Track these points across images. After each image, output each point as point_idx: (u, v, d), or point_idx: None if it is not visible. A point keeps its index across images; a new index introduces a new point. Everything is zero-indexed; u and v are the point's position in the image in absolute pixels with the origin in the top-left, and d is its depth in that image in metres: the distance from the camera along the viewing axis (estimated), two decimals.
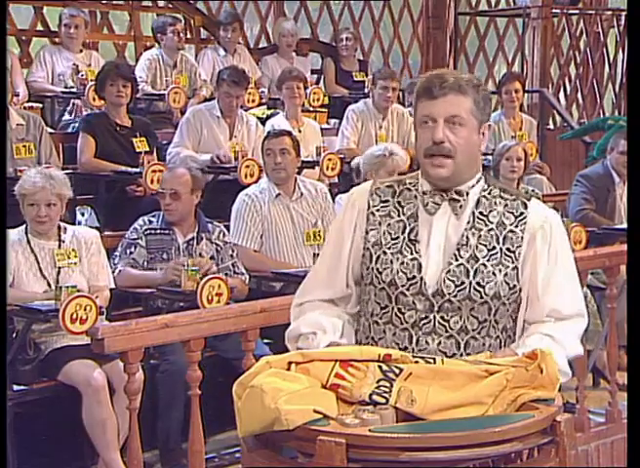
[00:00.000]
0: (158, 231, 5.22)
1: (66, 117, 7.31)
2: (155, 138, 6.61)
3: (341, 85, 9.14)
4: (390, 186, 2.73)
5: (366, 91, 8.48)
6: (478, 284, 2.59)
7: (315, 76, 9.41)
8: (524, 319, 2.67)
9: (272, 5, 9.82)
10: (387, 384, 2.39)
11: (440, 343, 2.60)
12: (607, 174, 6.61)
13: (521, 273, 2.63)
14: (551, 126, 10.51)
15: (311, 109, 7.97)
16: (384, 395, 2.37)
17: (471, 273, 2.59)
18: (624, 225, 6.00)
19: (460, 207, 2.63)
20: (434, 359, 2.48)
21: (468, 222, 2.64)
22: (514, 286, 2.63)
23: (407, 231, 2.65)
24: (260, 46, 9.68)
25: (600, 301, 5.90)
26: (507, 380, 2.42)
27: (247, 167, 6.25)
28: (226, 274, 5.08)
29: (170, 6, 9.03)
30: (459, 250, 2.61)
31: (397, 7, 10.70)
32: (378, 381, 2.39)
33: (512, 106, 8.12)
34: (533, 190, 6.60)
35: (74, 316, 4.26)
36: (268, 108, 7.93)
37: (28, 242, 4.75)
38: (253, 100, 7.62)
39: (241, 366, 3.80)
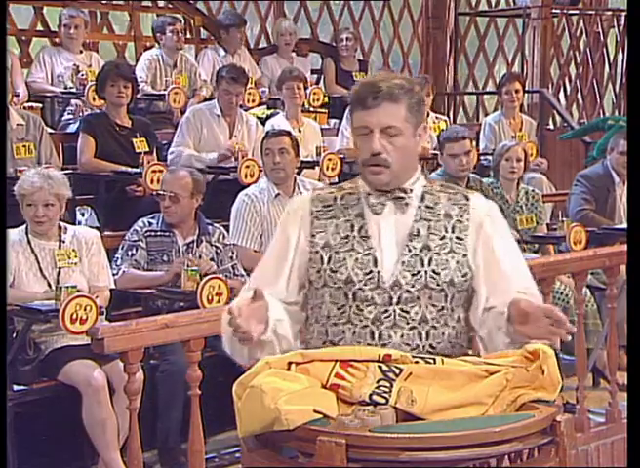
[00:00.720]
0: (158, 233, 5.22)
1: (66, 117, 7.31)
2: (155, 139, 6.61)
3: (341, 85, 9.12)
4: (331, 192, 2.76)
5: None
6: (433, 271, 2.63)
7: (315, 76, 9.41)
8: (488, 307, 2.66)
9: (272, 5, 9.82)
10: (387, 384, 2.39)
11: (403, 336, 2.61)
12: (607, 174, 6.60)
13: (472, 261, 2.67)
14: (551, 126, 10.51)
15: (311, 109, 7.96)
16: (384, 395, 2.37)
17: (426, 261, 2.63)
18: (624, 225, 6.00)
19: (406, 204, 2.68)
20: (434, 359, 2.48)
21: (416, 215, 2.68)
22: (466, 273, 2.66)
23: (356, 229, 2.67)
24: (260, 46, 9.67)
25: (600, 301, 5.90)
26: (507, 380, 2.42)
27: (247, 167, 6.25)
28: (226, 276, 5.08)
29: (170, 6, 9.02)
30: (411, 240, 2.65)
31: (397, 7, 10.70)
32: (378, 381, 2.40)
33: (512, 107, 8.12)
34: (533, 190, 6.60)
35: (74, 316, 4.25)
36: (268, 108, 7.92)
37: (29, 242, 4.75)
38: (253, 100, 7.62)
39: (241, 366, 3.80)
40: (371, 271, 2.62)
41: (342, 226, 2.68)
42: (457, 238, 2.67)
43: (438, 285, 2.63)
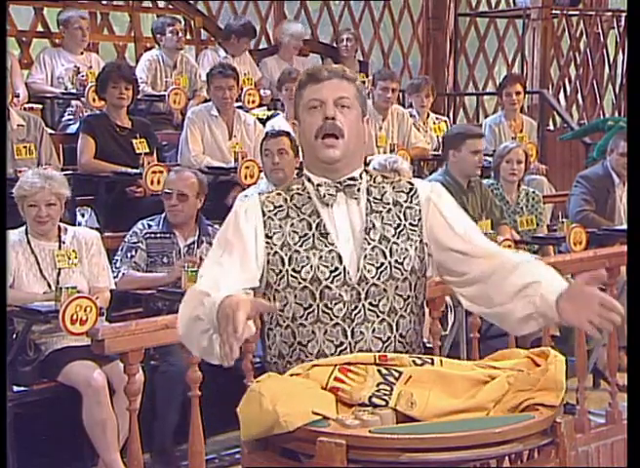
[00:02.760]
0: (158, 235, 5.23)
1: (66, 118, 7.31)
2: (155, 140, 6.61)
3: None
4: (279, 194, 2.72)
5: (366, 92, 8.47)
6: (396, 261, 2.63)
7: None
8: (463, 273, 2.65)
9: (272, 5, 9.82)
10: (387, 388, 2.38)
11: (374, 330, 2.61)
12: (607, 175, 6.60)
13: (429, 245, 2.68)
14: (551, 127, 10.51)
15: None
16: (384, 397, 2.37)
17: (387, 253, 2.63)
18: (624, 226, 6.00)
19: (358, 190, 2.67)
20: (432, 359, 2.47)
21: (367, 208, 2.67)
22: (423, 258, 2.68)
23: (314, 226, 2.64)
24: (261, 47, 9.68)
25: None
26: (509, 384, 2.41)
27: (247, 168, 6.25)
28: None
29: (170, 7, 9.02)
30: (368, 233, 2.64)
31: (397, 8, 10.71)
32: (377, 385, 2.39)
33: (513, 108, 8.11)
34: (533, 192, 6.59)
35: (74, 317, 4.26)
36: (269, 109, 7.92)
37: (29, 243, 4.75)
38: (253, 101, 7.61)
39: (241, 367, 3.80)
40: (337, 268, 2.60)
41: (298, 225, 2.65)
42: (410, 224, 2.67)
43: (402, 274, 2.63)
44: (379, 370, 2.42)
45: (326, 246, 2.62)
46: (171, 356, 4.65)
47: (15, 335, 4.58)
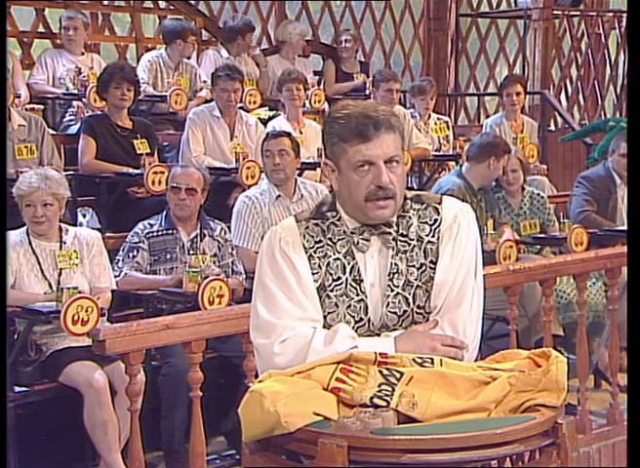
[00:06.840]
0: (161, 233, 5.24)
1: (67, 119, 7.31)
2: (156, 140, 6.61)
3: None
4: (317, 224, 2.64)
5: (367, 92, 8.48)
6: (419, 307, 2.60)
7: (317, 78, 9.41)
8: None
9: (273, 6, 9.82)
10: (389, 388, 2.38)
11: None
12: (608, 175, 6.59)
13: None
14: (552, 127, 10.51)
15: (316, 111, 7.95)
16: (386, 398, 2.37)
17: (410, 300, 2.59)
18: (625, 227, 5.99)
19: (393, 239, 2.60)
20: (432, 359, 2.47)
21: (393, 248, 2.61)
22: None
23: (347, 270, 2.60)
24: (262, 47, 9.67)
25: None
26: (511, 385, 2.41)
27: (248, 168, 6.25)
28: (225, 272, 5.12)
29: (171, 7, 9.02)
30: (392, 279, 2.59)
31: (398, 8, 10.71)
32: (379, 385, 2.39)
33: (514, 109, 8.10)
34: (538, 194, 6.56)
35: (75, 317, 4.26)
36: (270, 110, 7.92)
37: (30, 243, 4.75)
38: (254, 102, 7.61)
39: (243, 367, 3.81)
40: (361, 319, 2.59)
41: (333, 266, 2.60)
42: (431, 262, 2.61)
43: (424, 317, 2.60)
44: (380, 371, 2.41)
45: (357, 294, 2.59)
46: (172, 357, 4.66)
47: (16, 336, 4.58)
